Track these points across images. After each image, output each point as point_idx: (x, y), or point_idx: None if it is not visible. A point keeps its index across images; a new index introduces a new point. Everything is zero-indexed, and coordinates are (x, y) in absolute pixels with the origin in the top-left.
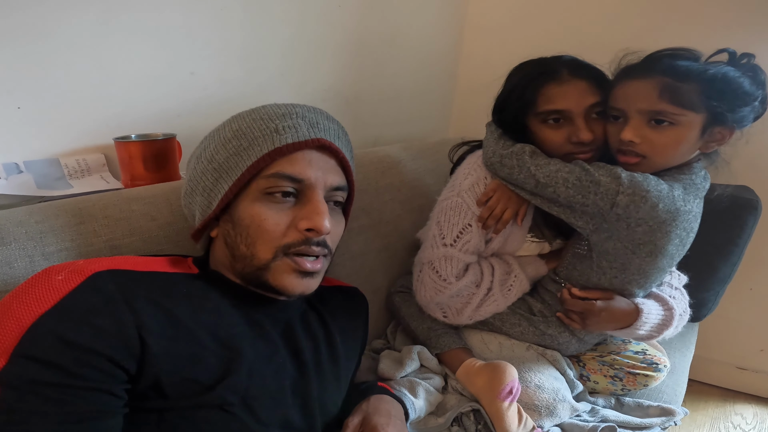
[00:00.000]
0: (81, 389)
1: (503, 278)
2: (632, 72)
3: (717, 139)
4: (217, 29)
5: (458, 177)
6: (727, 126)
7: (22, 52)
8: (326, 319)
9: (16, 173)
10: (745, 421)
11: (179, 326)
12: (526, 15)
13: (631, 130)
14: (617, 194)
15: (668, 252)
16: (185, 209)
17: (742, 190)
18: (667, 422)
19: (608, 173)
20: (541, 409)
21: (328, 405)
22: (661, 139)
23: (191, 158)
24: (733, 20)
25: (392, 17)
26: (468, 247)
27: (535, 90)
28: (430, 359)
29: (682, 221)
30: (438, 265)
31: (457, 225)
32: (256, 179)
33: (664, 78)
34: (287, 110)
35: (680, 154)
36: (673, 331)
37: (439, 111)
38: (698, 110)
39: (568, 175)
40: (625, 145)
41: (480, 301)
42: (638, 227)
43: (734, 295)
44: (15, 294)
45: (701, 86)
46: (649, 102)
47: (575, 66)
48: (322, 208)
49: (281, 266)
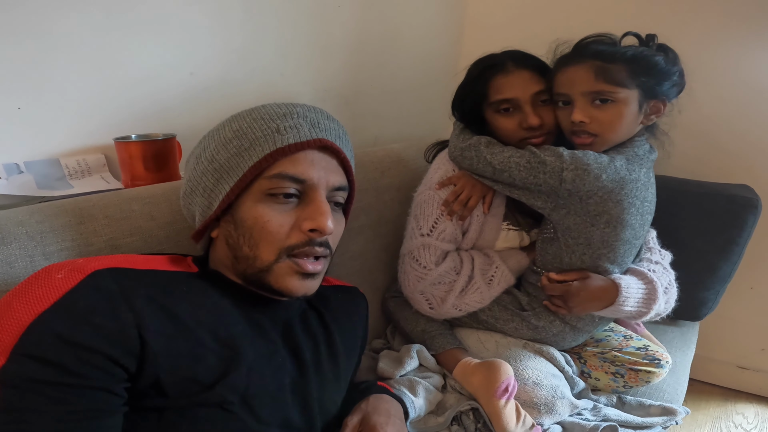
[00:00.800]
0: (81, 388)
1: (484, 268)
2: (567, 60)
3: (654, 112)
4: (217, 29)
5: (429, 172)
6: (659, 99)
7: (23, 52)
8: (326, 318)
9: (16, 173)
10: (747, 421)
11: (179, 325)
12: (525, 13)
13: (579, 112)
14: (562, 170)
15: (627, 222)
16: (184, 210)
17: (742, 189)
18: (668, 421)
19: (552, 153)
20: (540, 407)
21: (327, 404)
22: (606, 117)
23: (190, 158)
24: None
25: (392, 17)
26: (444, 236)
27: (485, 82)
28: (429, 358)
29: (631, 189)
30: (417, 253)
31: (432, 215)
32: (258, 180)
33: (596, 61)
34: (288, 110)
35: (626, 127)
36: (663, 306)
37: (439, 110)
38: (630, 86)
39: (519, 159)
40: (577, 126)
41: (462, 289)
42: (589, 199)
43: (735, 294)
44: (15, 292)
45: (626, 65)
46: (588, 84)
47: (519, 57)
48: (325, 209)
49: (283, 268)
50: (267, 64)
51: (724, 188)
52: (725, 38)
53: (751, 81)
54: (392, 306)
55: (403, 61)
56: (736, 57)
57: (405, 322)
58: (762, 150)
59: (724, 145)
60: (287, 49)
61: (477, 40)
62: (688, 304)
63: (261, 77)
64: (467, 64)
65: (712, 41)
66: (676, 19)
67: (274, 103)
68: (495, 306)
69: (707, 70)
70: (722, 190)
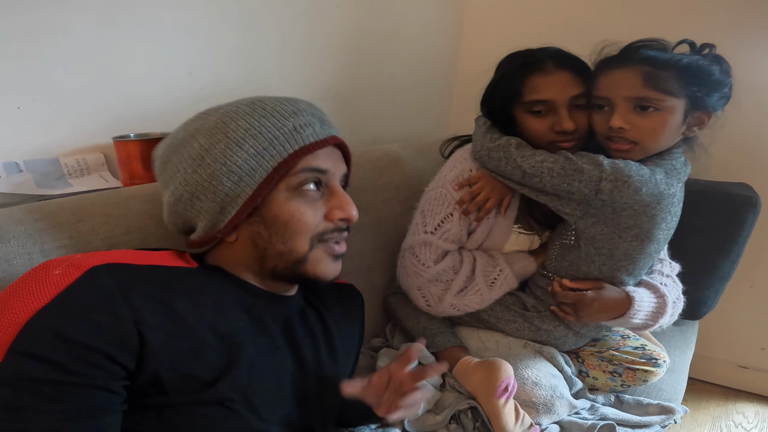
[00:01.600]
0: (78, 386)
1: (487, 270)
2: (613, 62)
3: (697, 123)
4: (215, 29)
5: (444, 169)
6: (706, 111)
7: (22, 52)
8: (324, 315)
9: (15, 172)
10: (747, 420)
11: (179, 321)
12: (524, 13)
13: (619, 117)
14: (600, 180)
15: (655, 236)
16: (174, 217)
17: (742, 187)
18: (666, 420)
19: (591, 161)
20: (539, 407)
21: (327, 401)
22: (648, 124)
23: (172, 161)
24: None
25: (390, 17)
26: (448, 236)
27: (521, 80)
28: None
29: (666, 204)
30: (418, 250)
31: (439, 214)
32: (284, 177)
33: (645, 67)
34: (293, 106)
35: (666, 137)
36: (668, 319)
37: (437, 109)
38: (679, 95)
39: (553, 165)
40: (615, 132)
41: (461, 289)
42: (623, 211)
43: (735, 293)
44: (12, 289)
45: (678, 74)
46: (634, 89)
47: (560, 57)
48: (348, 198)
49: (317, 255)
50: (265, 64)
51: (723, 187)
52: (724, 37)
53: (751, 80)
54: (393, 303)
55: (401, 61)
56: (735, 55)
57: (406, 319)
58: (761, 149)
59: (723, 143)
60: (285, 49)
61: (475, 40)
62: (687, 303)
63: (259, 77)
64: (466, 63)
65: (712, 40)
66: (676, 18)
67: (270, 98)
68: (497, 306)
69: None
70: (721, 188)
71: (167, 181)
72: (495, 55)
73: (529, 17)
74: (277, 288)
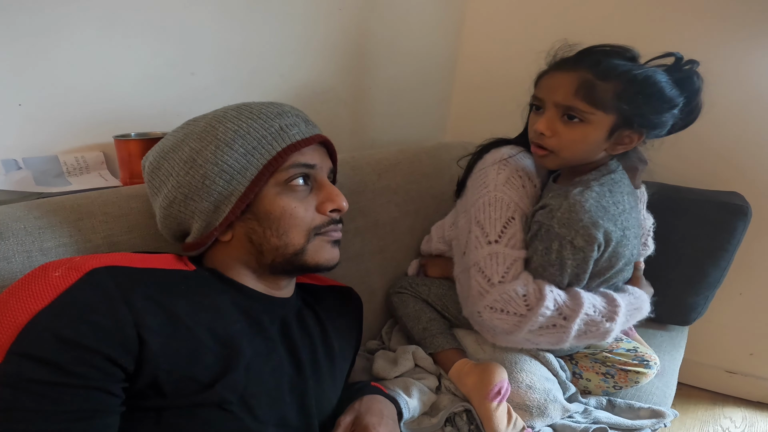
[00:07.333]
0: (77, 388)
1: (630, 312)
2: (562, 64)
3: (624, 143)
4: (218, 31)
5: (488, 175)
6: (637, 131)
7: (24, 49)
8: (321, 317)
9: (15, 170)
10: (734, 425)
11: (178, 324)
12: (524, 18)
13: (544, 122)
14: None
15: (623, 255)
16: (168, 221)
17: (732, 196)
18: (657, 424)
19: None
20: (533, 410)
21: (324, 403)
22: (570, 135)
23: (162, 167)
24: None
25: (392, 21)
26: (515, 242)
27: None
28: (425, 359)
29: (625, 220)
30: (483, 264)
31: (500, 219)
32: (274, 174)
33: (587, 74)
34: (278, 109)
35: (585, 152)
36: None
37: (436, 114)
38: (608, 111)
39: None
40: (537, 137)
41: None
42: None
43: (724, 299)
44: (11, 290)
45: (619, 87)
46: (565, 97)
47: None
48: (336, 189)
49: (316, 245)
50: (267, 65)
51: (714, 195)
52: (715, 45)
53: (742, 88)
54: (396, 301)
55: (401, 65)
56: (726, 64)
57: (407, 319)
58: (752, 157)
59: (714, 152)
60: (287, 51)
61: (475, 45)
62: (677, 309)
63: (261, 78)
64: (465, 69)
65: (702, 48)
66: (667, 26)
67: (254, 102)
68: None
69: None
70: (712, 197)
71: (159, 186)
72: (494, 62)
73: (530, 24)
74: (274, 287)
